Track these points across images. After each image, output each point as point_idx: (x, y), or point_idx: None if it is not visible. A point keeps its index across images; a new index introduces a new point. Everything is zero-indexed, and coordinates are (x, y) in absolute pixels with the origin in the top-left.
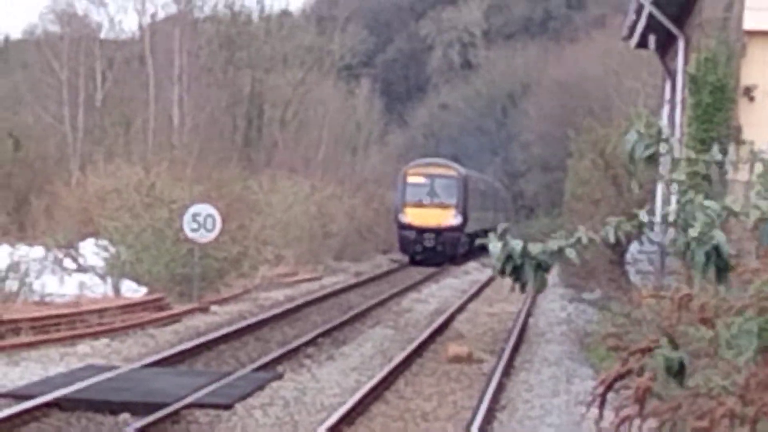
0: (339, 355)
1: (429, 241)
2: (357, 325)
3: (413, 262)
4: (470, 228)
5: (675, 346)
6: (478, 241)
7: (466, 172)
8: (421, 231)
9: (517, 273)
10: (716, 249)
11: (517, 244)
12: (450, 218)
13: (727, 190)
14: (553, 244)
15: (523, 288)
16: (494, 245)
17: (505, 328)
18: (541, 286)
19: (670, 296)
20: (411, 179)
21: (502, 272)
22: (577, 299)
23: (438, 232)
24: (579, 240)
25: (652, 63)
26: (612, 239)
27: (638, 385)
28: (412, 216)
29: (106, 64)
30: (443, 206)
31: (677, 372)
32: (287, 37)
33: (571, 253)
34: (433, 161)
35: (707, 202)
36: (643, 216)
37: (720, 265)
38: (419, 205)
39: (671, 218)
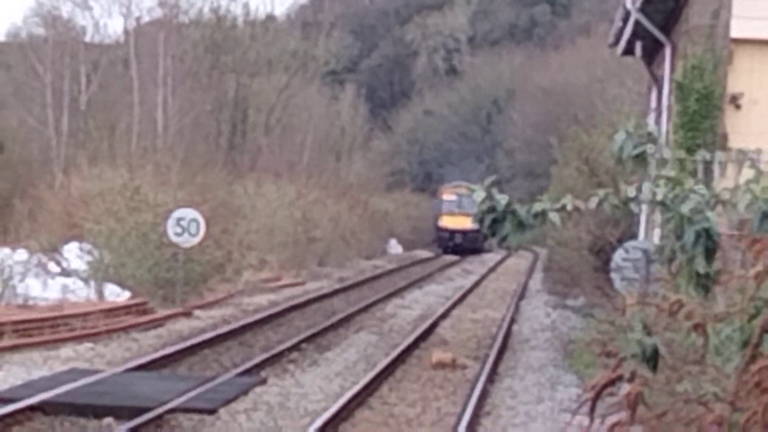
0: (323, 361)
1: (458, 239)
2: (341, 331)
3: (446, 252)
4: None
5: (648, 332)
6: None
7: None
8: (453, 232)
9: (495, 226)
10: (706, 231)
11: (502, 198)
12: (472, 223)
13: (711, 187)
14: (538, 207)
15: (500, 242)
16: (478, 193)
17: (489, 334)
18: (519, 242)
19: (655, 303)
20: (445, 197)
21: (481, 222)
22: (561, 306)
23: (464, 232)
24: (564, 206)
25: (637, 70)
26: (592, 206)
27: (629, 391)
28: (447, 221)
29: (91, 68)
30: (467, 215)
31: (650, 358)
32: (272, 41)
33: (554, 217)
34: (459, 184)
35: (697, 187)
36: (630, 191)
37: (709, 246)
38: (451, 214)
39: (659, 197)
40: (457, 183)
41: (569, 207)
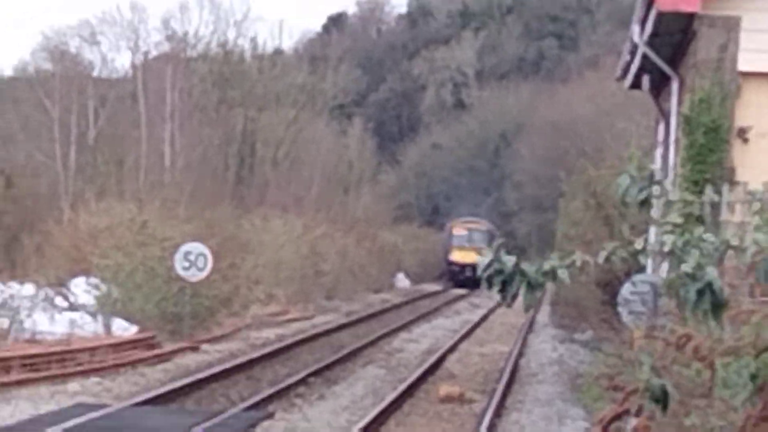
0: (330, 395)
1: (468, 272)
2: (348, 365)
3: (456, 285)
4: None
5: (657, 373)
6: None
7: (491, 227)
8: (463, 266)
9: (505, 287)
10: (709, 286)
11: (508, 260)
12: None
13: (720, 230)
14: (546, 265)
15: (510, 302)
16: (486, 257)
17: (497, 368)
18: (531, 302)
19: (663, 337)
20: (455, 231)
21: (490, 284)
22: (569, 340)
23: (473, 266)
24: (573, 263)
25: (645, 104)
26: (601, 261)
27: (638, 424)
28: (457, 255)
29: (99, 102)
30: (477, 249)
31: (660, 399)
32: (280, 76)
33: (563, 273)
34: (469, 219)
35: (705, 235)
36: (639, 243)
37: (714, 302)
38: (461, 248)
39: (667, 248)
40: (467, 218)
41: (578, 263)
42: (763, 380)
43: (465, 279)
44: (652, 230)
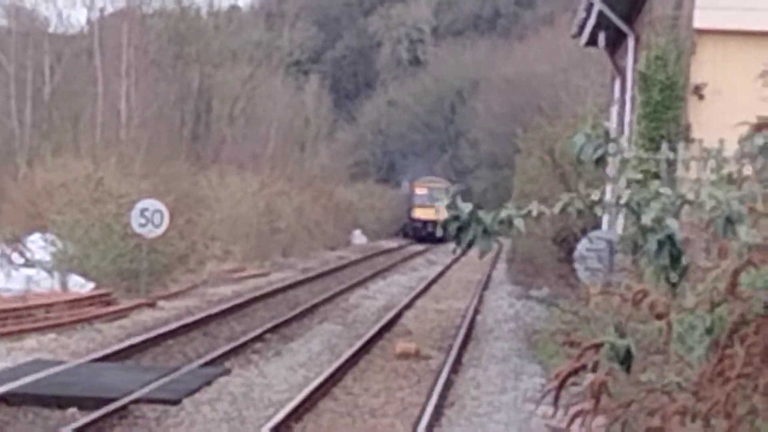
0: (287, 351)
1: (429, 228)
2: (305, 321)
3: (419, 240)
4: None
5: (622, 334)
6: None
7: (450, 186)
8: (425, 222)
9: (460, 233)
10: (669, 238)
11: (465, 207)
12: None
13: (675, 187)
14: (502, 213)
15: (464, 250)
16: (442, 202)
17: (453, 324)
18: (485, 249)
19: (619, 293)
20: (417, 191)
21: (445, 229)
22: (525, 296)
23: (434, 222)
24: (529, 212)
25: (600, 61)
26: (557, 211)
27: (594, 380)
28: (419, 213)
29: (55, 59)
30: (436, 207)
31: (623, 360)
32: (236, 32)
33: (519, 222)
34: (430, 179)
35: (662, 189)
36: (595, 195)
37: (674, 253)
38: (423, 206)
39: (623, 200)
40: (427, 178)
41: (534, 213)
42: (717, 335)
43: (427, 234)
44: (608, 186)
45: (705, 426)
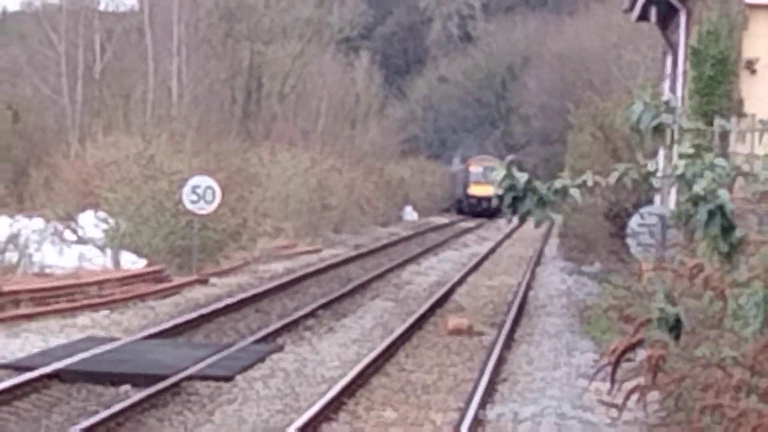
0: (339, 328)
1: (485, 204)
2: (357, 298)
3: (475, 215)
4: None
5: (672, 303)
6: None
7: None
8: (480, 198)
9: (516, 203)
10: (720, 208)
11: (521, 176)
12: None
13: (729, 160)
14: (558, 183)
15: (521, 220)
16: (498, 173)
17: (505, 300)
18: (541, 219)
19: (673, 268)
20: (472, 169)
21: (501, 199)
22: (577, 272)
23: (489, 198)
24: (584, 182)
25: (652, 36)
26: (613, 181)
27: (650, 355)
28: (474, 190)
29: (105, 36)
30: (491, 184)
31: (673, 327)
32: (286, 9)
33: (575, 192)
34: (484, 157)
35: (717, 160)
36: (651, 165)
37: (724, 224)
38: (478, 183)
39: (678, 172)
40: (482, 156)
41: (590, 183)
42: None
43: (482, 209)
44: (664, 158)
45: (761, 401)
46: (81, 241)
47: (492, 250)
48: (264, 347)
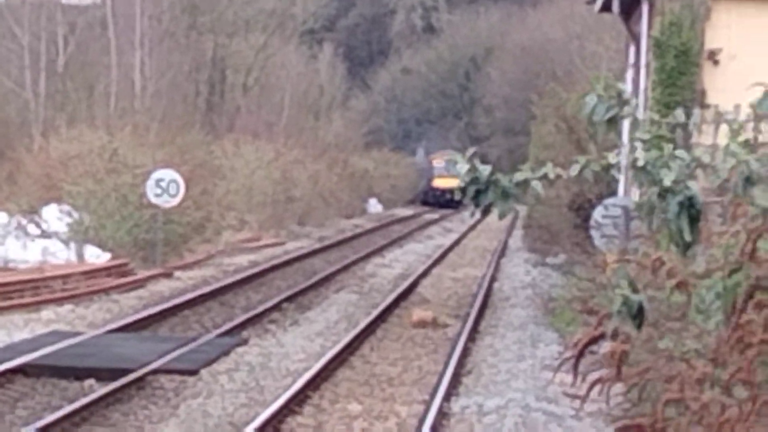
0: (304, 320)
1: (448, 195)
2: (321, 290)
3: (439, 207)
4: None
5: (634, 289)
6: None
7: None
8: (443, 190)
9: (479, 196)
10: (690, 200)
11: (484, 169)
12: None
13: (690, 152)
14: (520, 176)
15: (484, 212)
16: (461, 165)
17: (470, 292)
18: (504, 211)
19: (637, 260)
20: (435, 163)
21: (464, 192)
22: (541, 264)
23: (451, 191)
24: (546, 175)
25: (615, 27)
26: (573, 174)
27: (614, 348)
28: (438, 182)
29: (68, 29)
30: (454, 176)
31: (636, 315)
32: (249, 1)
33: (537, 185)
34: (447, 152)
35: (678, 152)
36: (612, 158)
37: (693, 215)
38: (441, 176)
39: (640, 163)
40: (443, 151)
41: (551, 175)
42: (733, 301)
43: (446, 201)
44: (624, 149)
45: (724, 393)
46: (45, 235)
47: (456, 242)
48: (229, 340)
